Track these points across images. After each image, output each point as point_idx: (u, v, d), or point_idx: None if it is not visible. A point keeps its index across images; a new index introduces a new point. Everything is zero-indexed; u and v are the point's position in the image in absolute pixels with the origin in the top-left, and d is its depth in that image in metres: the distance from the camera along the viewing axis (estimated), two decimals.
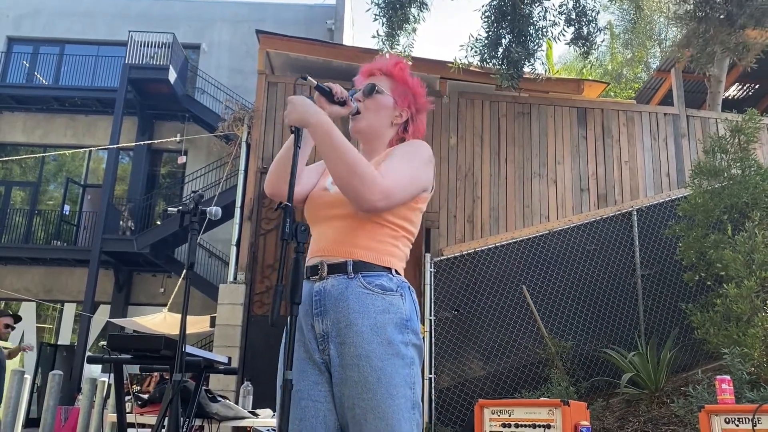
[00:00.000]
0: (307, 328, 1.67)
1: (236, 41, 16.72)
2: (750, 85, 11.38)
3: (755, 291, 5.05)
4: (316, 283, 1.69)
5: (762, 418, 3.30)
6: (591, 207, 8.31)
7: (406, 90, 1.94)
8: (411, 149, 1.82)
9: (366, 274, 1.66)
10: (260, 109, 8.23)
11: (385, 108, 1.91)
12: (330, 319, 1.64)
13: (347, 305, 1.63)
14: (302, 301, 1.67)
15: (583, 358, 7.00)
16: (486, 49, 7.28)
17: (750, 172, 6.21)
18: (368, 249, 1.69)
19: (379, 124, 1.90)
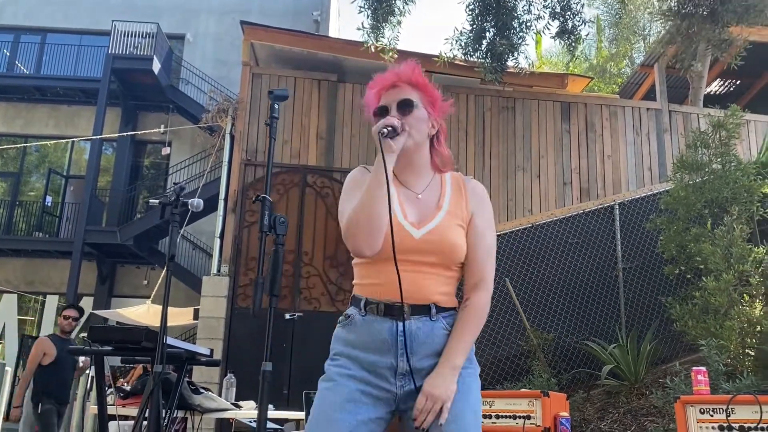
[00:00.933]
0: (384, 365, 1.71)
1: (221, 32, 16.59)
2: (731, 81, 11.50)
3: (733, 284, 5.13)
4: (400, 323, 1.72)
5: (736, 408, 3.37)
6: (574, 201, 8.38)
7: (431, 96, 1.85)
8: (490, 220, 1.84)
9: (445, 316, 1.76)
10: (245, 101, 8.20)
11: (423, 122, 1.81)
12: (417, 359, 1.71)
13: (434, 348, 1.72)
14: (371, 339, 1.72)
15: (564, 350, 7.07)
16: (470, 42, 7.30)
17: (730, 167, 6.28)
18: (445, 294, 1.78)
19: (421, 138, 1.82)
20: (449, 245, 1.73)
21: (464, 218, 1.79)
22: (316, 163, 8.13)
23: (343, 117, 8.33)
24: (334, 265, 7.69)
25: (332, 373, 1.75)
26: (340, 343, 1.80)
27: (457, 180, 1.88)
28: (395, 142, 1.67)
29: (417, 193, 1.83)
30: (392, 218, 1.71)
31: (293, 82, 8.38)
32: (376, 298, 1.74)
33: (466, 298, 1.78)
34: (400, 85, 1.82)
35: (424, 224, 1.75)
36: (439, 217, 1.77)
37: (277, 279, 2.10)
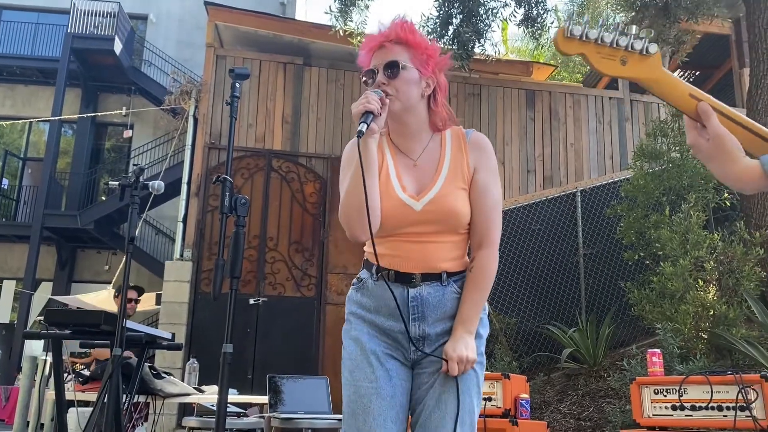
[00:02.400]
0: (399, 330, 1.72)
1: (185, 13, 16.26)
2: (691, 71, 11.76)
3: (689, 270, 5.27)
4: (411, 290, 1.72)
5: (688, 388, 3.48)
6: (537, 188, 8.49)
7: (424, 53, 1.76)
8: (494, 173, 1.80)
9: (456, 279, 1.76)
10: (208, 83, 8.07)
11: (413, 83, 1.73)
12: (428, 324, 1.72)
13: (446, 312, 1.73)
14: (384, 304, 1.73)
15: (526, 334, 7.20)
16: (437, 28, 7.30)
17: (688, 156, 6.44)
18: (456, 259, 1.77)
19: (411, 101, 1.74)
20: (451, 213, 1.71)
21: (466, 177, 1.76)
22: (282, 147, 8.06)
23: (309, 101, 8.27)
24: (300, 250, 7.67)
25: (356, 333, 1.75)
26: (356, 305, 1.80)
27: (457, 135, 1.82)
28: (376, 122, 1.61)
29: (414, 159, 1.79)
30: (392, 193, 1.72)
31: (258, 64, 8.27)
32: (386, 267, 1.74)
33: (472, 257, 1.77)
34: (387, 45, 1.74)
35: (424, 194, 1.73)
36: (439, 183, 1.74)
37: (239, 260, 2.09)
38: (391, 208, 1.70)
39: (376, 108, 1.59)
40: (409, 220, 1.71)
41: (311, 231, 7.71)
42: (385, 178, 1.75)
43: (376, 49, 1.77)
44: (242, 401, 4.69)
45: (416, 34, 1.76)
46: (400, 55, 1.73)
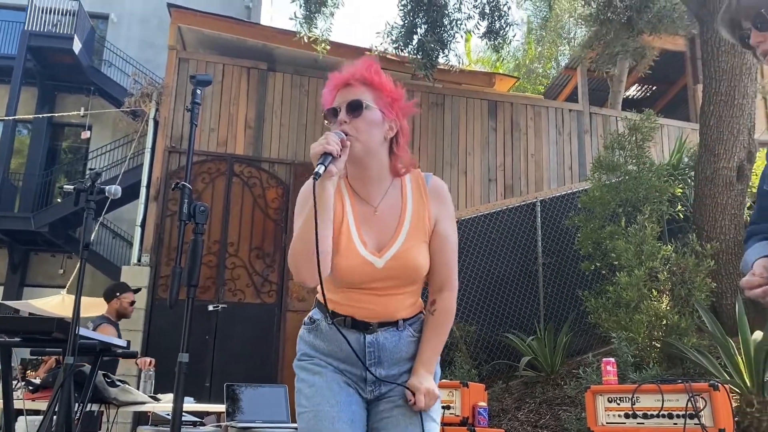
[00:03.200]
0: (354, 373, 1.73)
1: (148, 13, 16.01)
2: (648, 86, 12.09)
3: (643, 280, 5.40)
4: (368, 336, 1.72)
5: (640, 397, 3.56)
6: (498, 197, 8.60)
7: (389, 96, 1.72)
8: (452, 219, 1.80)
9: (411, 323, 1.76)
10: (170, 86, 7.96)
11: (376, 124, 1.69)
12: (384, 368, 1.72)
13: (402, 356, 1.74)
14: (339, 348, 1.71)
15: (486, 342, 7.26)
16: (401, 37, 7.36)
17: (644, 169, 6.61)
18: (412, 305, 1.78)
19: (372, 143, 1.69)
20: (413, 268, 1.70)
21: (427, 230, 1.74)
22: (244, 152, 7.99)
23: (272, 106, 8.22)
24: (261, 256, 7.60)
25: (312, 366, 1.73)
26: (309, 346, 1.77)
27: (417, 182, 1.79)
28: (335, 164, 1.56)
29: (374, 207, 1.74)
30: (353, 250, 1.68)
31: (221, 68, 8.19)
32: (342, 314, 1.72)
33: (432, 300, 1.77)
34: (353, 83, 1.70)
35: (386, 250, 1.69)
36: (401, 238, 1.71)
37: (196, 269, 2.06)
38: (353, 266, 1.67)
39: (335, 150, 1.54)
40: (371, 277, 1.68)
41: (273, 237, 7.65)
42: (346, 234, 1.70)
43: (341, 87, 1.72)
44: (199, 410, 4.61)
45: (382, 76, 1.72)
46: (364, 95, 1.69)
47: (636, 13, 7.29)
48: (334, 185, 1.61)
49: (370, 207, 1.75)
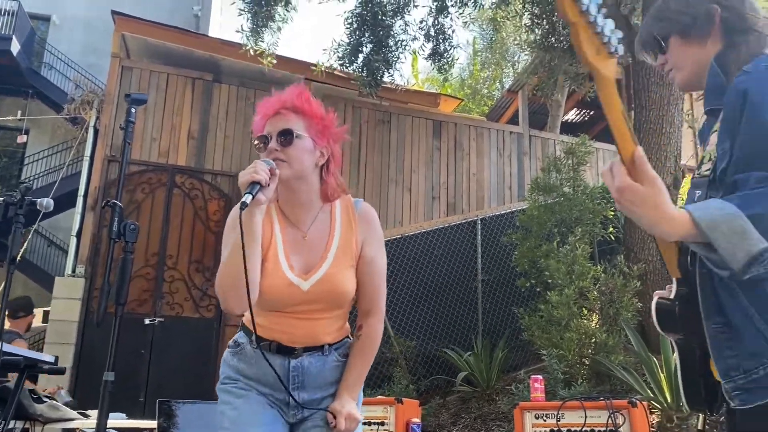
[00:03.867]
0: (277, 397, 1.74)
1: (92, 16, 15.64)
2: (586, 111, 12.55)
3: (573, 299, 5.61)
4: (293, 360, 1.73)
5: (565, 413, 3.71)
6: (441, 214, 8.76)
7: (320, 123, 1.76)
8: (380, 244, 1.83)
9: (337, 347, 1.79)
10: (112, 94, 7.81)
11: (307, 152, 1.73)
12: (307, 392, 1.74)
13: (326, 380, 1.77)
14: (263, 372, 1.72)
15: (425, 357, 7.35)
16: (347, 54, 7.45)
17: (579, 191, 6.88)
18: (337, 330, 1.80)
19: (303, 170, 1.72)
20: (338, 292, 1.73)
21: (354, 254, 1.77)
22: (186, 163, 7.90)
23: (217, 118, 8.17)
24: (200, 269, 7.51)
25: (236, 390, 1.74)
26: (233, 370, 1.78)
27: (347, 208, 1.82)
28: (263, 193, 1.57)
29: (303, 232, 1.77)
30: (279, 272, 1.69)
31: (166, 78, 8.10)
32: (268, 338, 1.74)
33: (359, 325, 1.80)
34: (283, 112, 1.73)
35: (312, 273, 1.72)
36: (327, 263, 1.73)
37: (124, 287, 2.07)
38: (277, 287, 1.69)
39: (264, 179, 1.56)
40: (296, 300, 1.71)
41: (213, 250, 7.57)
42: (273, 256, 1.72)
43: (271, 115, 1.74)
44: (130, 426, 4.52)
45: (313, 104, 1.76)
46: (295, 123, 1.72)
47: None
48: (262, 213, 1.63)
49: (300, 231, 1.78)
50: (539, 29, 7.96)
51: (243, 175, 1.56)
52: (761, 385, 1.16)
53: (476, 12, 8.36)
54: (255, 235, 1.61)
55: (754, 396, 1.17)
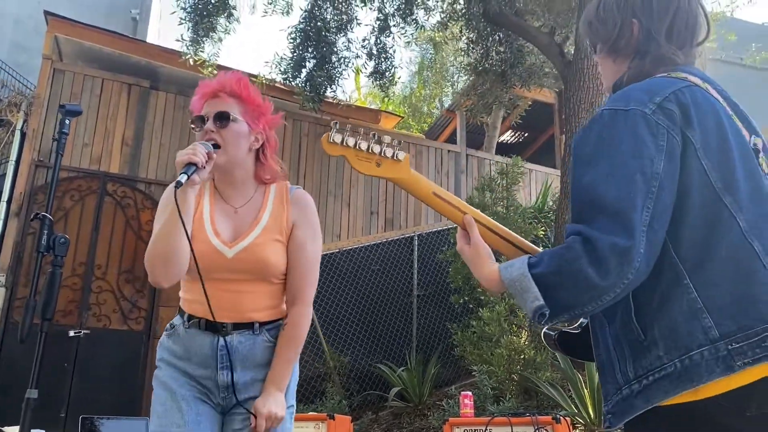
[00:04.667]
0: (208, 377, 1.73)
1: (22, 13, 15.02)
2: (521, 133, 12.96)
3: (504, 315, 5.77)
4: (222, 338, 1.72)
5: (493, 429, 3.81)
6: (379, 230, 8.84)
7: (256, 109, 1.82)
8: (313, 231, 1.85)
9: (270, 328, 1.79)
10: (41, 97, 7.54)
11: (242, 136, 1.78)
12: (237, 372, 1.74)
13: (256, 360, 1.77)
14: (194, 352, 1.73)
15: (359, 372, 7.38)
16: (290, 69, 7.46)
17: (511, 211, 7.09)
18: (269, 308, 1.80)
19: (238, 154, 1.77)
20: (263, 262, 1.74)
21: (284, 231, 1.79)
22: (119, 170, 7.68)
23: (153, 125, 7.99)
24: (130, 280, 7.30)
25: (166, 379, 1.75)
26: (166, 352, 1.80)
27: (281, 190, 1.86)
28: (198, 174, 1.61)
29: (235, 208, 1.81)
30: (203, 237, 1.74)
31: (100, 83, 7.87)
32: (197, 315, 1.76)
33: (286, 314, 1.82)
34: (221, 95, 1.79)
35: (238, 242, 1.75)
36: (254, 233, 1.76)
37: (52, 302, 2.02)
38: (201, 252, 1.71)
39: (201, 161, 1.60)
40: (220, 266, 1.73)
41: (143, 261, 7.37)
42: (198, 222, 1.76)
43: (210, 97, 1.81)
44: None
45: (250, 90, 1.83)
46: (232, 107, 1.79)
47: (509, 68, 7.89)
48: (195, 192, 1.67)
49: (231, 207, 1.83)
50: (474, 53, 8.22)
51: (180, 155, 1.61)
52: (616, 410, 1.23)
53: (417, 32, 8.54)
54: (187, 213, 1.64)
55: (616, 420, 1.24)
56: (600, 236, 1.12)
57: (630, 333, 1.22)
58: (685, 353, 1.15)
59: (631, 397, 1.20)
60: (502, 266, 1.25)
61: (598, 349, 1.31)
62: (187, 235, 1.60)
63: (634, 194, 1.15)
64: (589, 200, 1.18)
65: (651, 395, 1.17)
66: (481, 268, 1.31)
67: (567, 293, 1.15)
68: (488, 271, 1.29)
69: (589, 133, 1.25)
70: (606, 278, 1.11)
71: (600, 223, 1.14)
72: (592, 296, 1.13)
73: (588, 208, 1.18)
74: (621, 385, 1.22)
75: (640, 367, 1.20)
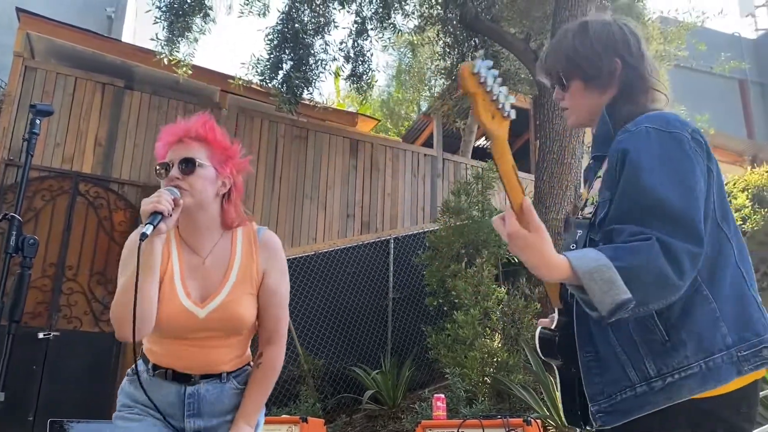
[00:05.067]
0: (173, 425, 1.71)
1: None
2: None
3: (478, 319, 5.82)
4: (189, 387, 1.71)
5: (466, 431, 3.84)
6: (355, 232, 8.84)
7: (224, 153, 1.78)
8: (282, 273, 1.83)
9: (236, 375, 1.79)
10: (13, 95, 7.42)
11: (208, 181, 1.73)
12: (204, 420, 1.72)
13: (224, 408, 1.75)
14: (158, 400, 1.70)
15: (333, 375, 7.36)
16: (267, 70, 7.43)
17: (486, 215, 7.15)
18: (237, 357, 1.79)
19: (204, 199, 1.73)
20: (236, 319, 1.72)
21: (255, 282, 1.77)
22: (92, 170, 7.58)
23: (127, 126, 7.90)
24: (102, 282, 7.20)
25: (131, 415, 1.72)
26: (129, 398, 1.76)
27: (248, 236, 1.82)
28: (165, 222, 1.58)
29: (203, 258, 1.77)
30: (175, 299, 1.68)
31: (73, 81, 7.77)
32: (162, 365, 1.73)
33: (260, 353, 1.80)
34: (186, 140, 1.73)
35: (209, 301, 1.71)
36: (226, 290, 1.72)
37: (20, 304, 1.99)
38: (173, 314, 1.68)
39: (167, 209, 1.56)
40: (192, 327, 1.70)
41: (117, 262, 7.24)
42: (169, 282, 1.71)
43: (174, 143, 1.75)
44: None
45: (216, 133, 1.77)
46: (197, 152, 1.73)
47: None
48: (162, 241, 1.63)
49: (199, 258, 1.78)
50: (450, 58, 8.27)
51: (145, 203, 1.56)
52: (619, 409, 1.32)
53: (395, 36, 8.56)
54: (154, 265, 1.61)
55: (612, 418, 1.33)
56: (674, 241, 1.23)
57: (649, 333, 1.32)
58: (709, 356, 1.29)
59: (649, 393, 1.30)
60: (572, 256, 1.25)
61: (592, 346, 1.37)
62: (136, 290, 1.55)
63: (697, 206, 1.28)
64: (658, 208, 1.27)
65: (674, 393, 1.29)
66: (547, 255, 1.24)
67: (649, 289, 1.22)
68: (557, 259, 1.24)
69: (649, 145, 1.35)
70: (682, 278, 1.23)
71: (672, 230, 1.24)
72: (667, 294, 1.24)
73: (657, 215, 1.27)
74: (634, 383, 1.31)
75: (664, 365, 1.30)
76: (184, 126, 1.76)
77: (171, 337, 1.72)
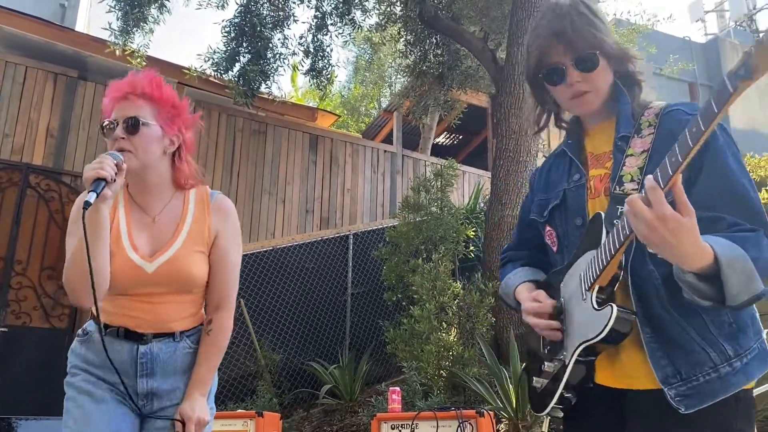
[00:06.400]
0: (127, 384, 1.68)
1: None
2: (456, 135, 13.21)
3: (434, 313, 5.89)
4: (142, 346, 1.68)
5: (420, 423, 3.89)
6: (314, 228, 8.83)
7: (171, 111, 1.75)
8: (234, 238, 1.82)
9: (189, 334, 1.77)
10: None
11: (155, 141, 1.70)
12: (157, 380, 1.71)
13: (177, 367, 1.74)
14: (113, 357, 1.65)
15: (291, 370, 7.35)
16: (223, 62, 7.35)
17: (445, 212, 7.23)
18: (190, 316, 1.77)
19: (151, 159, 1.70)
20: (185, 275, 1.71)
21: (206, 241, 1.76)
22: (43, 162, 7.39)
23: (80, 117, 7.72)
24: (53, 276, 7.03)
25: (82, 383, 1.70)
26: (80, 359, 1.74)
27: (201, 197, 1.81)
28: (110, 188, 1.54)
29: (153, 216, 1.74)
30: (123, 253, 1.67)
31: (24, 71, 7.54)
32: (114, 324, 1.70)
33: (209, 320, 1.79)
34: (131, 98, 1.70)
35: (158, 255, 1.69)
36: (176, 246, 1.71)
37: None
38: (121, 269, 1.66)
39: (110, 175, 1.53)
40: (141, 281, 1.69)
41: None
42: (116, 237, 1.69)
43: (119, 100, 1.72)
44: None
45: (164, 89, 1.74)
46: (143, 110, 1.70)
47: (447, 70, 8.05)
48: (109, 206, 1.60)
49: (148, 217, 1.77)
50: (412, 55, 8.33)
51: (88, 170, 1.53)
52: (702, 391, 1.30)
53: (354, 32, 8.57)
54: (102, 229, 1.58)
55: (696, 401, 1.29)
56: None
57: (719, 317, 1.34)
58: (761, 337, 1.36)
59: (731, 374, 1.32)
60: (714, 242, 1.19)
61: (662, 332, 1.35)
62: (88, 258, 1.52)
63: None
64: (751, 204, 1.32)
65: (750, 371, 1.33)
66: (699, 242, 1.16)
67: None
68: (703, 246, 1.16)
69: (730, 141, 1.38)
70: None
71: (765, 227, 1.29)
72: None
73: (752, 211, 1.31)
74: (717, 364, 1.32)
75: (739, 346, 1.34)
76: (130, 81, 1.73)
77: (120, 293, 1.70)
